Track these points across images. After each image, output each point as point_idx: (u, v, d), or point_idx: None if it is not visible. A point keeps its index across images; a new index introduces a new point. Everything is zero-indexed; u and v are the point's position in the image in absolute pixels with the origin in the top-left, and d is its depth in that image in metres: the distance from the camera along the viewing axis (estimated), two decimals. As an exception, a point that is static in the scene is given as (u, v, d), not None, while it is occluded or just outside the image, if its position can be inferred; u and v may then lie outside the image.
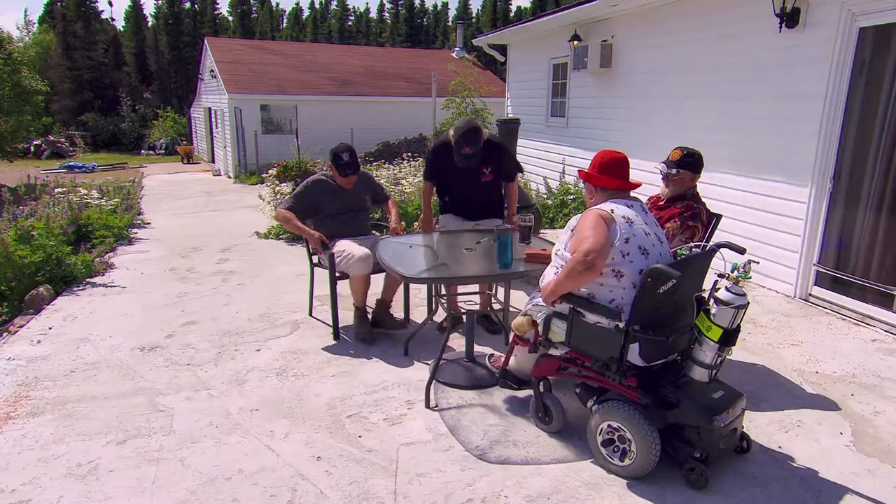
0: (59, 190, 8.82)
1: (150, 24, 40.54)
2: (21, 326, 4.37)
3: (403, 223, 4.62)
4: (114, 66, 36.79)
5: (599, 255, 2.43)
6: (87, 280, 5.48)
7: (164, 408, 3.17)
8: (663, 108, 6.55)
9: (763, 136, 5.20)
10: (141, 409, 3.15)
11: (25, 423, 3.02)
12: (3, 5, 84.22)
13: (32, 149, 24.52)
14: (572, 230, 2.65)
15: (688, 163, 3.32)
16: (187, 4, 40.41)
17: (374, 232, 4.56)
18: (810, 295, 4.87)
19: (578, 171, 2.90)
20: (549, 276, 2.74)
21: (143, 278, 5.65)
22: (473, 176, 4.03)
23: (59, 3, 37.19)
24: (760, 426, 2.97)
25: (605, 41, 7.40)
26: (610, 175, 2.68)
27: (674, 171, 3.32)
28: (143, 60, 38.58)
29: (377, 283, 4.21)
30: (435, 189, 4.28)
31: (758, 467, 2.65)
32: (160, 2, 39.93)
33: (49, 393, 3.33)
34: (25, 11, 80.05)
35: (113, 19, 42.97)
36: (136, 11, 39.52)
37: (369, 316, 4.19)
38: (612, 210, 2.55)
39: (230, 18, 47.38)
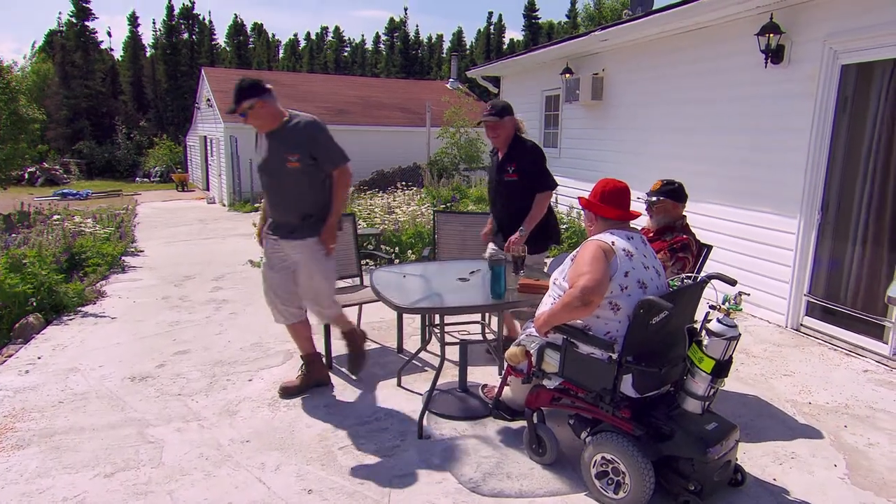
0: (56, 217, 8.80)
1: (147, 54, 41.06)
2: (9, 356, 4.31)
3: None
4: (111, 95, 37.11)
5: (596, 291, 2.43)
6: (79, 309, 5.44)
7: (154, 439, 3.13)
8: (654, 139, 6.66)
9: (752, 167, 5.29)
10: (130, 441, 3.11)
11: (10, 455, 2.96)
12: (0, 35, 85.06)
13: (27, 176, 24.53)
14: (572, 259, 2.66)
15: (668, 191, 3.40)
16: (185, 35, 41.00)
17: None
18: (801, 325, 4.90)
19: (579, 198, 2.89)
20: (547, 304, 2.75)
21: (135, 307, 5.62)
22: (497, 174, 3.86)
23: (59, 34, 37.65)
24: (755, 458, 2.96)
25: (597, 74, 7.57)
26: (611, 205, 2.70)
27: (654, 198, 3.41)
28: (140, 89, 38.96)
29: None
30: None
31: (753, 500, 2.63)
32: (158, 33, 40.55)
33: (36, 424, 3.28)
34: (33, 44, 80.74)
35: (111, 49, 43.19)
36: (134, 42, 40.02)
37: (358, 346, 3.83)
38: (612, 242, 2.56)
39: (227, 49, 48.04)
